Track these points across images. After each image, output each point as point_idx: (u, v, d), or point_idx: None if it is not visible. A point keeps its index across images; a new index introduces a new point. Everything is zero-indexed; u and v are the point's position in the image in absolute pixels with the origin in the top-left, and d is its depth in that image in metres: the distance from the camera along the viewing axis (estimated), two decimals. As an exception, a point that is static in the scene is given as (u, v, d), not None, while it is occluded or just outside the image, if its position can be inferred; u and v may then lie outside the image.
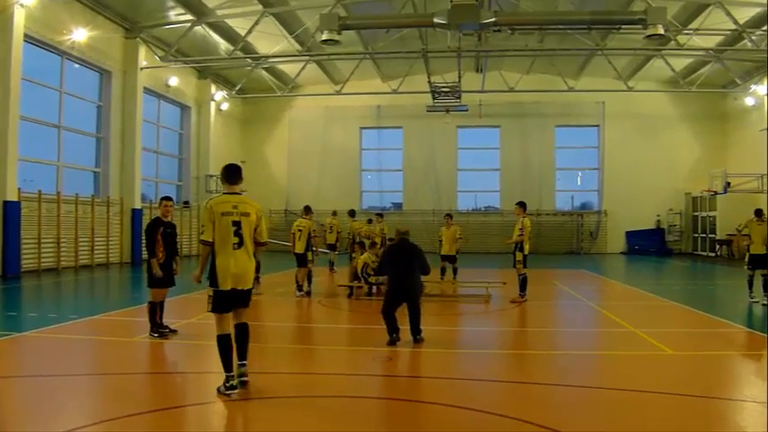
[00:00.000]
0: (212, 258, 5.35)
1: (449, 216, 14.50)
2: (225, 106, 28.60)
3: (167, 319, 8.07)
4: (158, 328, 7.80)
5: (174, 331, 7.88)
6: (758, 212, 11.44)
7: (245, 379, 5.40)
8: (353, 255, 14.04)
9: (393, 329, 7.60)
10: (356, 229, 16.88)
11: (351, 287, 12.29)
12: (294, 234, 12.70)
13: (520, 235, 11.43)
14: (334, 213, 18.93)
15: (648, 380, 6.06)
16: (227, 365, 5.28)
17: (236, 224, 5.33)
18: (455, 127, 30.00)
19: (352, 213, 14.09)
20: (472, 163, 31.02)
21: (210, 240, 5.32)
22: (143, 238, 8.28)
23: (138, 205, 21.19)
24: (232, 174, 5.51)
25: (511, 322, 10.29)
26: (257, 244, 5.51)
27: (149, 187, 23.89)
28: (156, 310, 7.81)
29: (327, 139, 30.67)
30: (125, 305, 11.43)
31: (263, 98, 29.03)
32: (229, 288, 5.33)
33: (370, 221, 17.57)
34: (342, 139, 30.73)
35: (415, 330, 7.72)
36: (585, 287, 15.82)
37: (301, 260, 12.59)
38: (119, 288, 16.20)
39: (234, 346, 5.39)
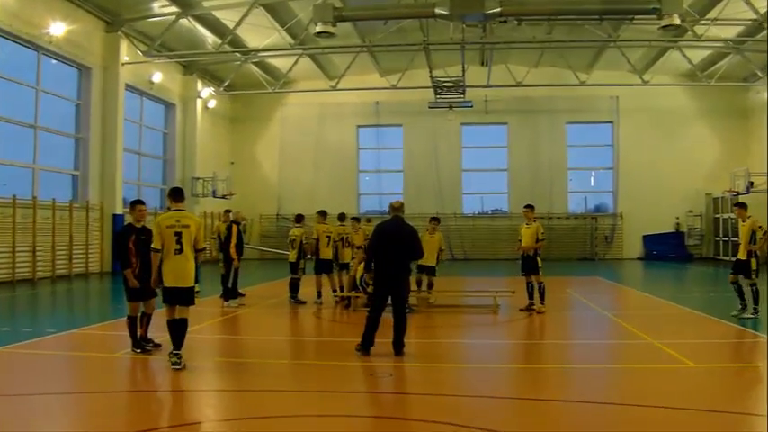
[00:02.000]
0: (160, 262, 7.09)
1: (435, 220, 13.35)
2: (212, 104, 28.59)
3: (152, 333, 8.00)
4: (141, 343, 7.76)
5: (157, 346, 7.83)
6: (739, 205, 11.06)
7: (177, 367, 6.77)
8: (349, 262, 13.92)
9: (370, 340, 7.53)
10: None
11: (348, 297, 12.25)
12: (320, 238, 12.62)
13: (542, 240, 11.45)
14: (369, 220, 16.16)
15: (669, 395, 6.03)
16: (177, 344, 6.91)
17: (178, 234, 7.03)
18: (459, 124, 30.00)
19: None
20: (478, 163, 31.00)
21: (159, 248, 7.06)
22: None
23: (119, 210, 21.14)
24: (177, 194, 7.40)
25: (521, 334, 10.28)
26: (197, 250, 7.19)
27: (131, 191, 23.83)
28: (135, 324, 7.76)
29: (322, 138, 30.65)
30: (106, 318, 11.36)
31: (253, 95, 28.98)
32: (171, 285, 7.00)
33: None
34: (337, 138, 30.71)
35: (398, 342, 7.63)
36: (600, 295, 15.81)
37: (326, 267, 12.68)
38: (99, 299, 16.15)
39: (171, 337, 6.94)
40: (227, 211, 13.84)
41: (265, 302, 13.41)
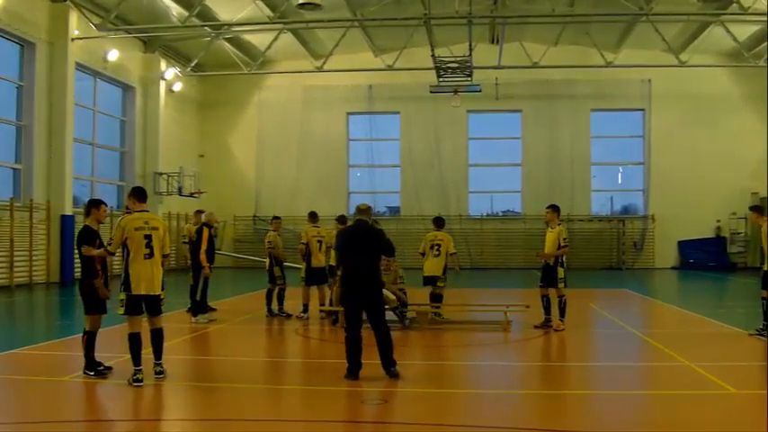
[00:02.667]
0: (126, 267, 7.51)
1: (440, 220, 13.45)
2: (178, 87, 28.55)
3: (98, 354, 7.99)
4: (95, 365, 7.78)
5: (109, 368, 7.86)
6: (754, 209, 11.27)
7: (161, 376, 7.51)
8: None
9: (355, 362, 7.61)
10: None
11: (336, 312, 12.27)
12: (310, 243, 12.75)
13: (564, 246, 11.52)
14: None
15: (707, 425, 6.10)
16: (137, 360, 7.33)
17: (148, 237, 7.55)
18: (465, 112, 30.05)
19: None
20: (487, 157, 31.10)
21: (114, 252, 7.58)
22: (75, 252, 8.27)
23: (68, 210, 21.11)
24: (140, 194, 7.89)
25: (536, 355, 10.34)
26: (162, 255, 7.69)
27: (83, 188, 23.82)
28: (93, 341, 7.78)
29: (306, 127, 30.66)
30: (53, 336, 11.36)
31: (226, 77, 29.01)
32: (142, 293, 7.49)
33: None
34: (324, 128, 30.71)
35: (387, 361, 7.70)
36: (628, 311, 15.90)
37: (318, 277, 12.83)
38: (45, 315, 16.12)
39: (151, 348, 7.56)
40: (199, 212, 13.89)
41: (240, 318, 13.42)
